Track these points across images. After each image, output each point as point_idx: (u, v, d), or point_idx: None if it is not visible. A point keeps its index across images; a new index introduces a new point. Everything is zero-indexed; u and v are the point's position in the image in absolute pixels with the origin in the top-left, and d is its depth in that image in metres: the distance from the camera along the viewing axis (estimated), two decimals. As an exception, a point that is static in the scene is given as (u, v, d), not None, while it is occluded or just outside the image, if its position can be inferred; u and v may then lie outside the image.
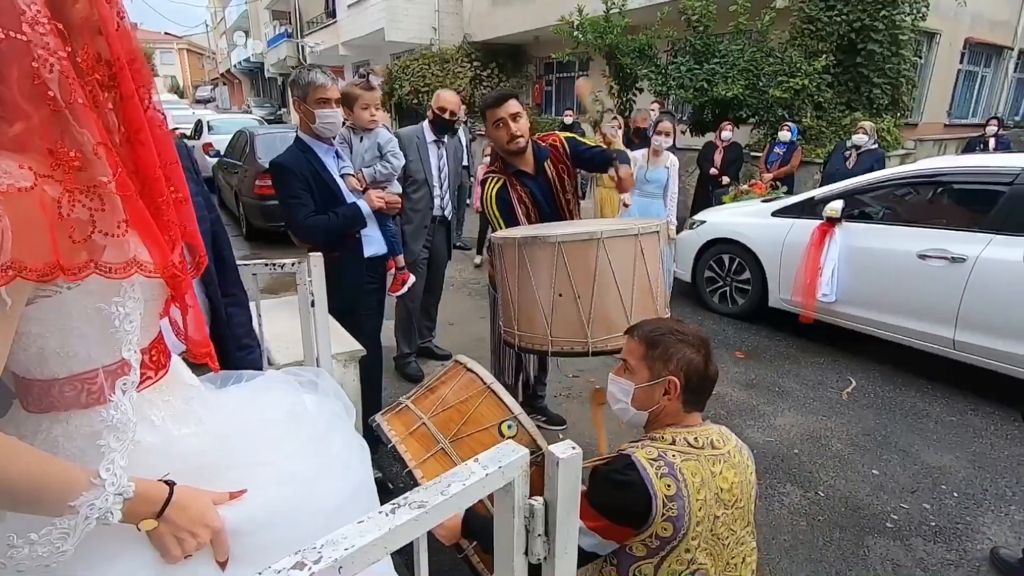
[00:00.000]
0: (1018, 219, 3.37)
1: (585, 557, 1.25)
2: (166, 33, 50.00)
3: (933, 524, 2.50)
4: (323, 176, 2.31)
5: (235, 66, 34.42)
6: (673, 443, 1.27)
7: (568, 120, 8.61)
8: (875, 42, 7.63)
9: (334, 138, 2.37)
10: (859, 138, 5.95)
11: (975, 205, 3.76)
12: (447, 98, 3.26)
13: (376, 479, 2.46)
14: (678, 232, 5.06)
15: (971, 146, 8.18)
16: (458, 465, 1.34)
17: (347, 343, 2.11)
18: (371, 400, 2.57)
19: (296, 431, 0.98)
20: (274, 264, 1.76)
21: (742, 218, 4.83)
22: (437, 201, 3.36)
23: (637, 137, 6.09)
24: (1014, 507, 2.59)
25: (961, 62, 11.50)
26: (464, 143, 6.41)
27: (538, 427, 2.93)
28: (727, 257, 4.83)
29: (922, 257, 3.65)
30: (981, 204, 3.65)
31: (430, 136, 3.31)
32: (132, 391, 0.79)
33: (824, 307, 4.16)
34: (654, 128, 4.42)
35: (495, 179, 2.41)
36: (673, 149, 4.85)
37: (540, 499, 0.82)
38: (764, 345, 4.40)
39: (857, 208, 4.19)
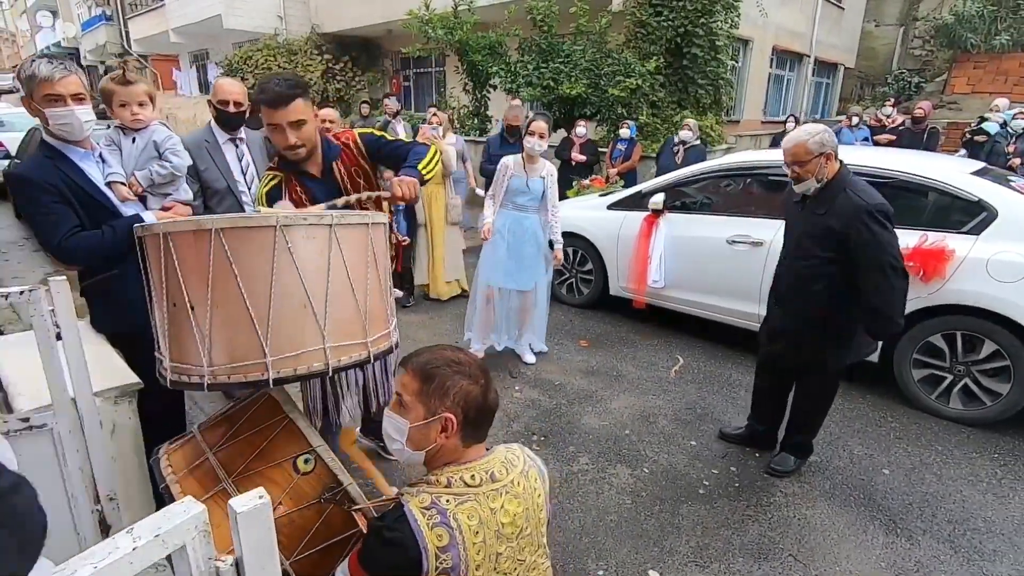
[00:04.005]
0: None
1: None
2: (-55, 9, 41.67)
3: (737, 485, 2.77)
4: (83, 186, 1.96)
5: (42, 51, 29.57)
6: (448, 485, 1.20)
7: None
8: (697, 46, 8.39)
9: (88, 142, 2.02)
10: (685, 134, 6.51)
11: (770, 194, 4.24)
12: (227, 88, 2.85)
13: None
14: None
15: (776, 141, 9.34)
16: None
17: (118, 376, 1.83)
18: (168, 434, 2.27)
19: None
20: (-6, 294, 1.46)
21: (582, 212, 5.05)
22: (248, 209, 3.01)
23: (513, 137, 5.69)
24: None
25: (771, 67, 13.09)
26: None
27: (378, 453, 2.81)
28: (571, 250, 5.02)
29: (731, 243, 4.06)
30: (774, 193, 4.13)
31: (222, 136, 2.91)
32: None
33: (654, 292, 4.49)
34: (526, 129, 3.68)
35: (270, 176, 2.11)
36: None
37: (229, 558, 0.72)
38: (606, 332, 4.65)
39: (679, 200, 4.56)
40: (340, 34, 14.22)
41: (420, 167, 2.03)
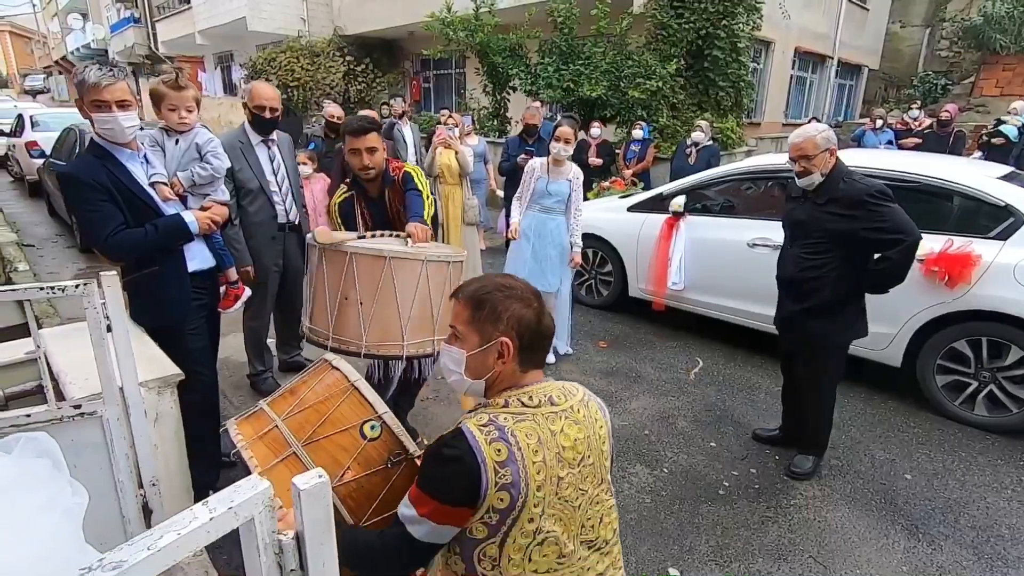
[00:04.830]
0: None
1: (425, 550, 1.16)
2: (-20, 12, 42.95)
3: (757, 487, 2.79)
4: (129, 186, 2.06)
5: (72, 53, 30.32)
6: (506, 406, 1.18)
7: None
8: (718, 48, 8.37)
9: (134, 144, 2.11)
10: (697, 135, 6.53)
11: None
12: (265, 94, 2.94)
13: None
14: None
15: (798, 144, 9.26)
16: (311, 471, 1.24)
17: (160, 367, 1.92)
18: (205, 428, 2.36)
19: None
20: (52, 287, 1.55)
21: (602, 214, 5.08)
22: (279, 208, 3.11)
23: (529, 136, 5.78)
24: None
25: (793, 68, 12.98)
26: (411, 141, 5.93)
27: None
28: (591, 251, 5.06)
29: (751, 246, 4.06)
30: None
31: (255, 138, 3.01)
32: None
33: (674, 294, 4.50)
34: (552, 133, 3.80)
35: (344, 190, 2.61)
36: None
37: (290, 533, 0.78)
38: (625, 333, 4.67)
39: (700, 202, 4.56)
40: (362, 36, 14.39)
41: (425, 216, 2.40)
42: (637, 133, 7.14)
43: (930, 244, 3.31)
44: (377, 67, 14.35)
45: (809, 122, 9.03)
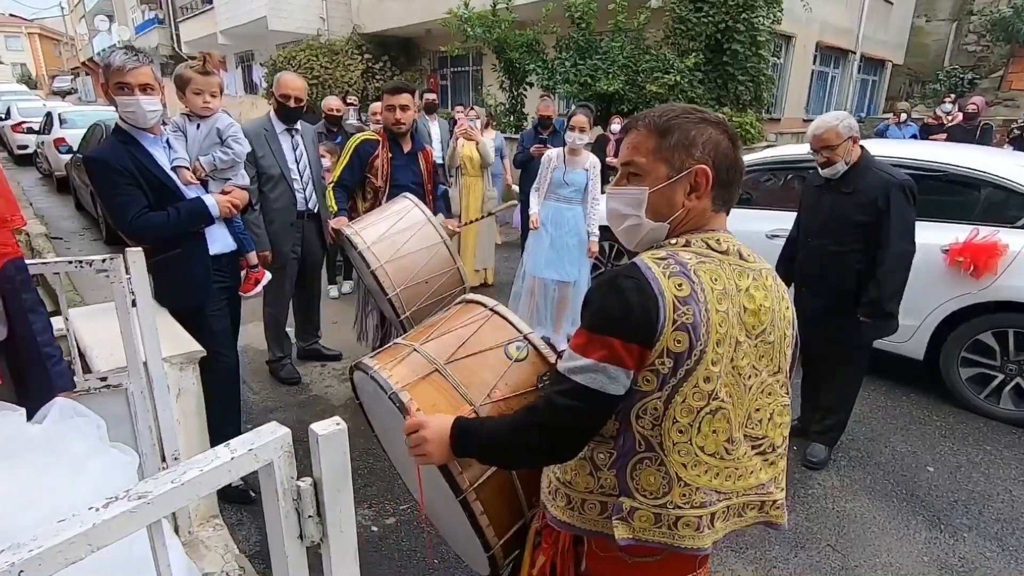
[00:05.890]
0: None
1: (605, 402, 0.93)
2: (11, 15, 44.20)
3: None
4: (152, 170, 2.11)
5: (98, 54, 31.01)
6: (687, 245, 0.99)
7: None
8: (738, 42, 8.28)
9: (157, 128, 2.16)
10: (717, 130, 6.43)
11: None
12: (291, 83, 3.01)
13: (237, 487, 2.34)
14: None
15: (819, 138, 9.12)
16: (460, 391, 1.23)
17: (183, 344, 1.96)
18: (226, 407, 2.41)
19: None
20: (81, 262, 1.60)
21: (618, 206, 5.05)
22: (299, 196, 3.16)
23: (544, 128, 5.73)
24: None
25: (814, 63, 12.78)
26: (438, 136, 5.92)
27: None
28: (607, 244, 5.04)
29: (770, 237, 4.00)
30: (816, 188, 4.07)
31: (279, 126, 3.07)
32: None
33: (691, 287, 4.46)
34: (567, 122, 3.80)
35: (371, 135, 2.97)
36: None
37: (308, 479, 0.80)
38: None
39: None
40: (380, 34, 14.51)
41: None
42: None
43: (955, 233, 3.25)
44: (395, 65, 14.45)
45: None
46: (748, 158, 4.59)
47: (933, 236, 3.20)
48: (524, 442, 1.00)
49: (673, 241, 1.02)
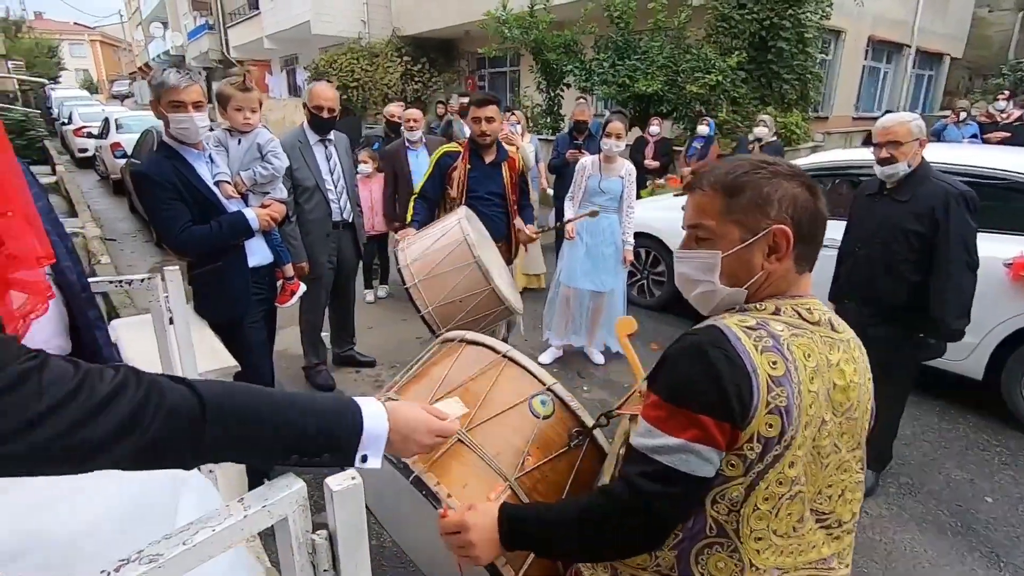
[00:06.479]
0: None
1: (695, 485, 0.85)
2: (75, 24, 46.65)
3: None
4: (195, 184, 2.16)
5: (154, 59, 32.40)
6: (777, 313, 0.92)
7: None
8: (783, 40, 8.00)
9: (200, 144, 2.22)
10: (760, 131, 6.23)
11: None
12: (324, 94, 3.03)
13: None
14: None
15: (869, 139, 8.72)
16: (490, 464, 1.08)
17: (219, 359, 2.00)
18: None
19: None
20: (121, 281, 1.64)
21: (655, 212, 4.95)
22: (334, 206, 3.19)
23: (579, 133, 5.63)
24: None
25: (865, 58, 12.25)
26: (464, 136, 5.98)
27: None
28: (643, 250, 4.94)
29: (816, 247, 3.84)
30: (866, 195, 3.88)
31: (313, 137, 3.11)
32: None
33: (731, 297, 4.32)
34: (603, 129, 3.74)
35: (455, 147, 3.08)
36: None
37: (323, 532, 0.78)
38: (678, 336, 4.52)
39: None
40: (419, 36, 14.65)
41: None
42: (702, 129, 6.82)
43: (1018, 246, 3.04)
44: (433, 66, 14.58)
45: (883, 115, 8.51)
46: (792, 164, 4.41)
47: (995, 249, 3.00)
48: (601, 534, 0.90)
49: (760, 306, 0.94)
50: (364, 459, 0.81)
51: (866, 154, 3.83)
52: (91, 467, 0.63)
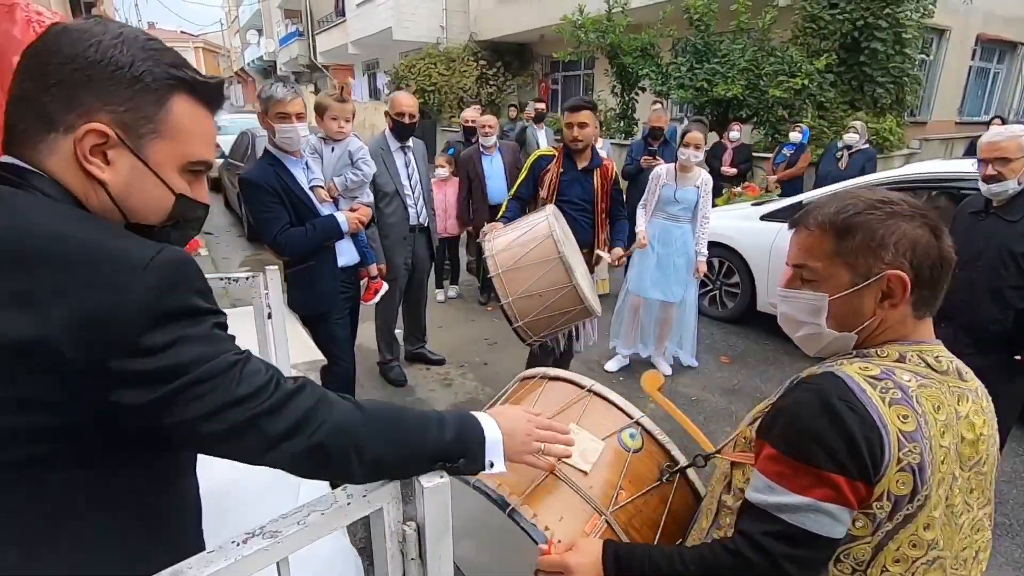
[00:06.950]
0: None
1: (826, 547, 0.81)
2: (181, 32, 50.65)
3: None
4: (293, 189, 2.35)
5: (248, 64, 34.78)
6: (901, 360, 0.86)
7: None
8: (879, 40, 7.53)
9: (299, 151, 2.41)
10: (850, 137, 5.89)
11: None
12: (404, 102, 3.17)
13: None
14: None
15: (973, 146, 8.05)
16: (585, 498, 1.07)
17: (309, 353, 2.16)
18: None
19: None
20: (228, 278, 1.81)
21: (731, 221, 4.81)
22: (411, 211, 3.35)
23: (654, 139, 5.55)
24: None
25: (973, 59, 11.31)
26: (545, 145, 5.97)
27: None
28: (716, 261, 4.82)
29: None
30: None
31: (394, 144, 3.26)
32: None
33: (810, 312, 4.14)
34: (681, 138, 3.72)
35: (551, 151, 3.13)
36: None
37: (413, 524, 0.86)
38: (751, 350, 4.39)
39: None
40: (495, 41, 14.90)
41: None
42: (795, 136, 6.44)
43: None
44: (508, 70, 14.78)
45: (991, 121, 7.82)
46: (882, 175, 4.18)
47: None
48: None
49: (881, 352, 0.87)
50: (491, 465, 0.88)
51: (967, 166, 3.57)
52: (269, 458, 0.73)
